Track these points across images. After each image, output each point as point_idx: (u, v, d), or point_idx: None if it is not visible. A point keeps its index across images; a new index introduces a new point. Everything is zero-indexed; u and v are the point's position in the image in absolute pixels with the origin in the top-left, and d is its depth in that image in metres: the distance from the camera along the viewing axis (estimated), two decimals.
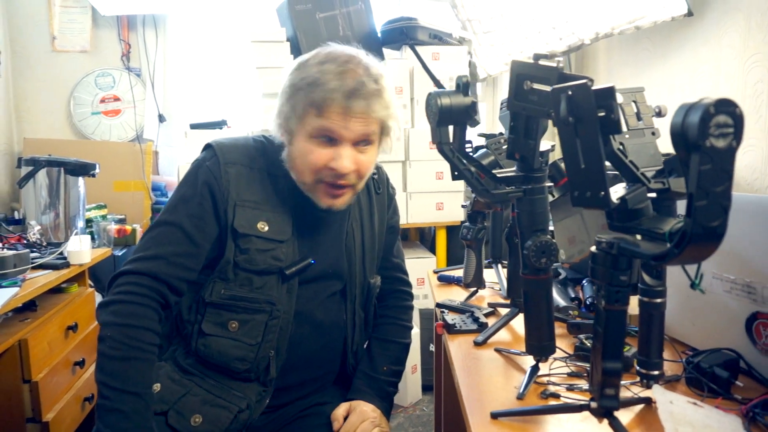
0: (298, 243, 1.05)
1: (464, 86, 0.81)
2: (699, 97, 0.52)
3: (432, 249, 2.67)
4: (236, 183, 1.01)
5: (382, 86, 0.99)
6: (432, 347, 2.43)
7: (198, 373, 1.01)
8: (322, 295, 1.10)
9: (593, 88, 0.60)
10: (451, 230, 2.57)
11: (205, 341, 1.00)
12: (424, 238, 2.94)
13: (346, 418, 1.06)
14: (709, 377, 0.80)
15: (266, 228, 1.01)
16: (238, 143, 1.07)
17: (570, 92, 0.61)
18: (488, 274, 1.41)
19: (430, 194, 2.47)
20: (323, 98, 0.95)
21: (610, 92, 0.60)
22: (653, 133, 0.80)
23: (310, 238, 1.08)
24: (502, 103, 1.41)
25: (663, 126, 0.93)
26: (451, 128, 0.84)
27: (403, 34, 2.45)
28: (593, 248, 0.67)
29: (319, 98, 0.95)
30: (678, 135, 0.52)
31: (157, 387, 0.99)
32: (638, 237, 0.64)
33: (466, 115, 0.82)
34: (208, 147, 1.06)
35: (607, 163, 0.70)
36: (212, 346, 1.00)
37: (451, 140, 0.84)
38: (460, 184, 2.49)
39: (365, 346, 1.22)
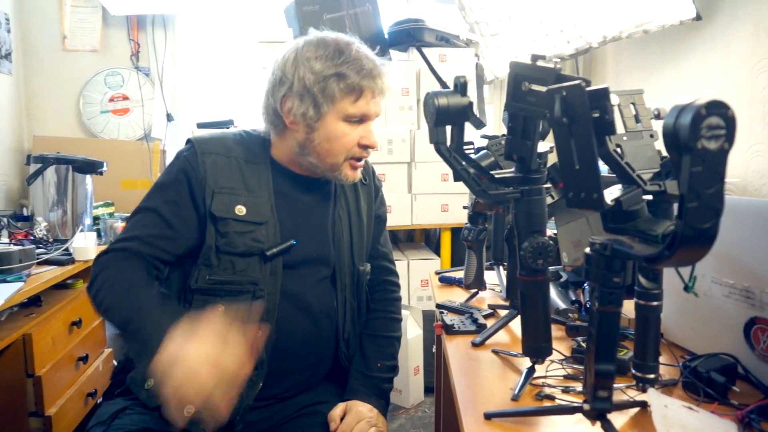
0: (281, 227, 1.08)
1: (462, 86, 0.81)
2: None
3: (437, 251, 2.67)
4: (213, 171, 1.05)
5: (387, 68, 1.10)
6: (435, 349, 2.43)
7: None
8: (309, 279, 1.11)
9: (587, 89, 0.60)
10: (456, 232, 2.57)
11: None
12: (429, 239, 2.94)
13: (342, 419, 1.06)
14: (706, 382, 0.80)
15: (244, 211, 1.05)
16: (215, 136, 1.13)
17: (564, 93, 0.61)
18: (489, 276, 1.40)
19: (435, 196, 2.47)
20: (360, 84, 1.03)
21: (604, 93, 0.60)
22: (651, 136, 0.79)
23: (293, 222, 1.10)
24: (505, 106, 1.42)
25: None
26: (449, 128, 0.84)
27: (410, 36, 2.46)
28: (587, 249, 0.66)
29: (356, 85, 1.03)
30: (670, 136, 0.52)
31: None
32: (634, 239, 0.64)
33: (464, 115, 0.82)
34: (187, 141, 1.11)
35: (606, 166, 0.70)
36: None
37: (448, 141, 0.84)
38: (465, 186, 2.48)
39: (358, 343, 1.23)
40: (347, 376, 1.17)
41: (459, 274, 1.49)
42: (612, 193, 0.67)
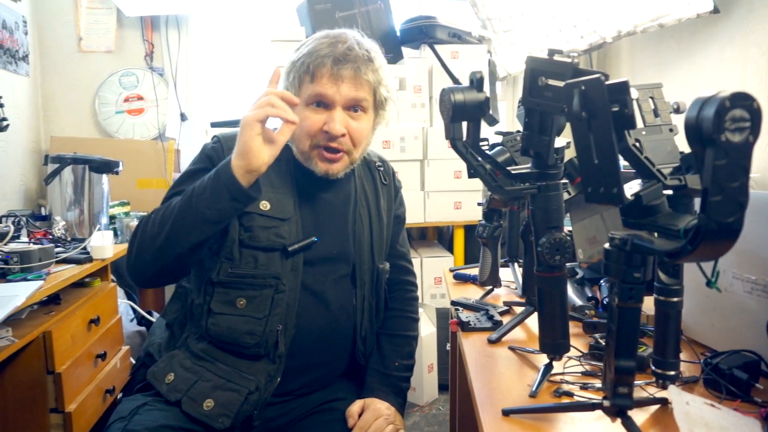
0: (303, 223, 1.09)
1: (478, 82, 0.81)
2: None
3: (450, 248, 2.66)
4: None
5: (372, 55, 1.07)
6: (449, 346, 2.42)
7: (209, 359, 1.04)
8: (329, 277, 1.12)
9: (607, 83, 0.59)
10: (470, 229, 2.56)
11: (215, 320, 1.03)
12: (442, 237, 2.93)
13: (360, 415, 1.07)
14: (728, 379, 0.79)
15: (268, 207, 1.06)
16: None
17: (583, 87, 0.60)
18: (504, 273, 1.40)
19: (448, 193, 2.46)
20: (315, 64, 1.03)
21: (623, 87, 0.59)
22: (671, 130, 0.79)
23: (315, 219, 1.11)
24: (519, 102, 1.41)
25: (682, 123, 0.92)
26: (465, 125, 0.84)
27: (422, 33, 2.45)
28: (606, 245, 0.66)
29: (312, 65, 1.03)
30: (692, 129, 0.51)
31: (171, 377, 1.01)
32: (654, 234, 0.63)
33: (480, 111, 0.82)
34: (214, 137, 1.13)
35: (625, 162, 0.69)
36: (222, 323, 1.03)
37: (464, 137, 0.83)
38: (479, 183, 2.47)
39: (375, 342, 1.23)
40: (364, 374, 1.17)
41: (473, 271, 1.48)
42: (631, 188, 0.66)
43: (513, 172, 0.83)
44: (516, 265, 1.42)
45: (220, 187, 0.94)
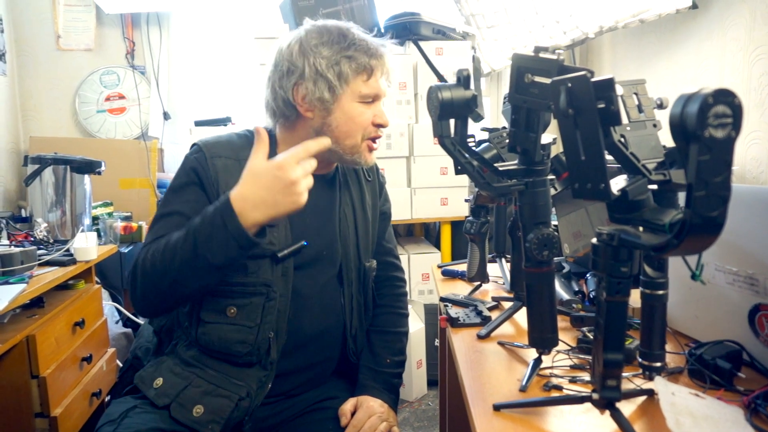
0: (291, 227, 1.08)
1: (465, 79, 0.81)
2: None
3: (437, 244, 2.67)
4: (224, 174, 1.04)
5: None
6: (437, 342, 2.44)
7: (199, 365, 1.03)
8: (319, 279, 1.12)
9: (593, 79, 0.60)
10: (456, 225, 2.57)
11: (205, 329, 1.02)
12: (429, 233, 2.94)
13: (353, 414, 1.07)
14: (712, 369, 0.80)
15: None
16: (222, 139, 1.11)
17: (569, 84, 0.61)
18: (492, 269, 1.41)
19: (434, 189, 2.47)
20: (370, 64, 1.05)
21: (609, 83, 0.60)
22: (654, 125, 0.80)
23: (303, 222, 1.10)
24: (505, 98, 1.41)
25: (665, 118, 0.93)
26: (452, 122, 0.84)
27: (407, 30, 2.45)
28: (594, 240, 0.67)
29: (367, 65, 1.05)
30: (677, 125, 0.52)
31: (159, 381, 1.00)
32: (640, 228, 0.64)
33: (467, 109, 0.82)
34: (194, 145, 1.10)
35: (609, 156, 0.70)
36: (212, 333, 1.02)
37: (452, 134, 0.84)
38: (465, 179, 2.49)
39: (366, 339, 1.23)
40: (356, 372, 1.17)
41: (461, 267, 1.49)
42: (617, 184, 0.67)
43: (500, 168, 0.84)
44: (503, 260, 1.43)
45: (228, 238, 0.90)
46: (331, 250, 1.14)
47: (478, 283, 1.35)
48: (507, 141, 1.05)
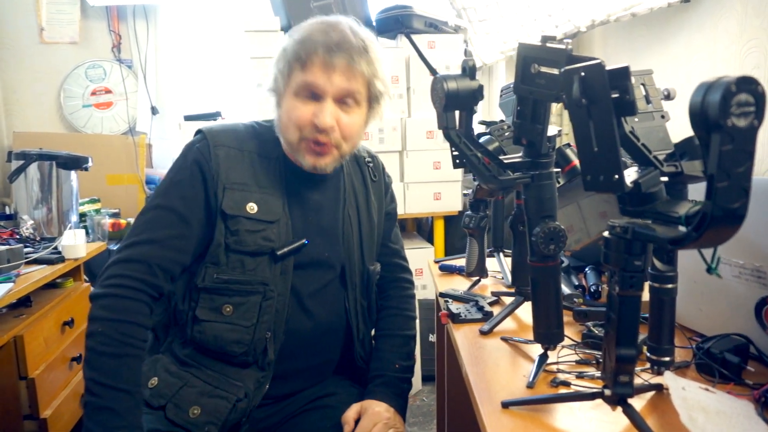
0: (292, 224, 1.04)
1: (471, 70, 0.79)
2: (696, 83, 0.51)
3: (430, 239, 2.65)
4: (225, 165, 1.01)
5: (368, 45, 1.01)
6: (432, 337, 2.42)
7: (195, 364, 1.00)
8: (320, 281, 1.08)
9: (607, 68, 0.58)
10: (449, 220, 2.56)
11: (200, 327, 0.99)
12: (422, 228, 2.93)
13: (357, 421, 1.02)
14: (720, 363, 0.80)
15: (255, 209, 1.01)
16: (228, 128, 1.07)
17: (583, 73, 0.59)
18: (490, 263, 1.39)
19: (427, 184, 2.46)
20: (307, 52, 0.97)
21: (624, 72, 0.58)
22: (662, 117, 0.79)
23: (304, 220, 1.07)
24: (502, 90, 1.39)
25: (671, 109, 0.92)
26: (457, 113, 0.82)
27: (399, 23, 2.42)
28: (606, 233, 0.65)
29: (303, 52, 0.97)
30: (697, 114, 0.51)
31: (154, 381, 0.97)
32: (649, 221, 0.63)
33: (473, 100, 0.80)
34: (198, 132, 1.06)
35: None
36: (207, 331, 0.99)
37: (457, 125, 0.82)
38: (458, 174, 2.47)
39: (373, 343, 1.20)
40: (357, 371, 1.15)
41: (458, 261, 1.48)
42: (629, 176, 0.65)
43: (506, 161, 0.82)
44: (502, 255, 1.42)
45: None
46: (333, 252, 1.10)
47: (477, 278, 1.34)
48: (508, 134, 1.03)
